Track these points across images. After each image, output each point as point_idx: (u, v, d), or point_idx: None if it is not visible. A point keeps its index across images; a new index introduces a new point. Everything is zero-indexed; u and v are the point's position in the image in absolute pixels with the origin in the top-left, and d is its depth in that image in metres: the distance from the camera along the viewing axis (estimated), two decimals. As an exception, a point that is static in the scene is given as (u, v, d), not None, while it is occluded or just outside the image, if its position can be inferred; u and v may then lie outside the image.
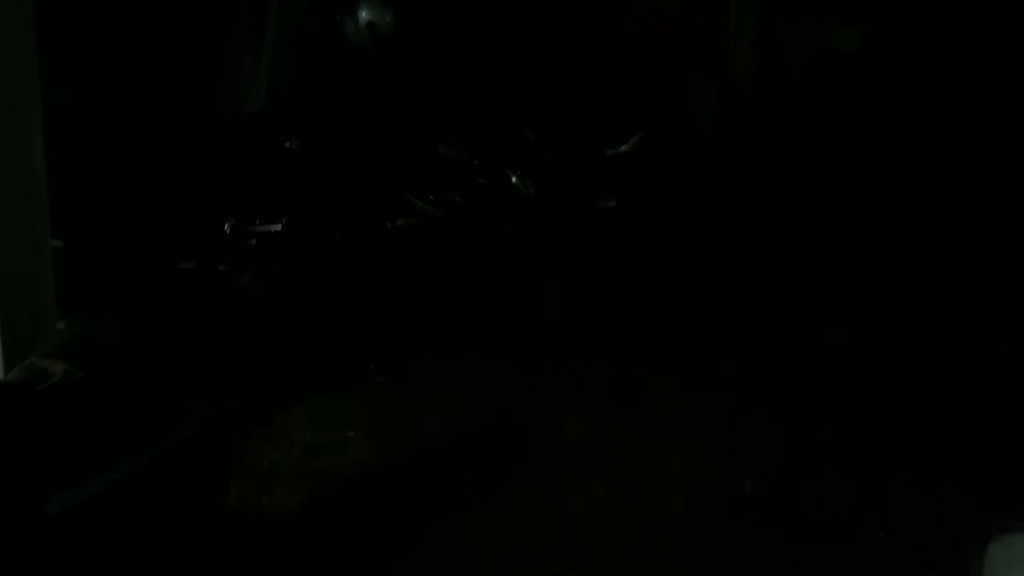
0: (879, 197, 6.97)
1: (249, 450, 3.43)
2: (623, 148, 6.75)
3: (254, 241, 3.76)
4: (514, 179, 4.64)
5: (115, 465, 2.11)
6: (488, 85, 5.26)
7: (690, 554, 3.13)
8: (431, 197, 4.52)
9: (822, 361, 4.54)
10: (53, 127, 4.08)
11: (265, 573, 3.01)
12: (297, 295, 3.97)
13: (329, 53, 4.42)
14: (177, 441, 2.29)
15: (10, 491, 1.99)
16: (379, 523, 3.30)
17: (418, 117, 4.54)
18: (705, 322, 5.05)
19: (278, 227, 3.81)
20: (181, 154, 4.50)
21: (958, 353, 4.68)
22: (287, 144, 4.43)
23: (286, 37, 4.73)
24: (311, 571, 3.03)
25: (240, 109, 4.94)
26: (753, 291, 5.63)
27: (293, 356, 3.92)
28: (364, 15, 4.31)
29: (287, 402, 3.86)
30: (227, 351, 2.79)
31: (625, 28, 7.08)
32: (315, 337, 4.07)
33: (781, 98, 7.44)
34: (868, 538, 3.22)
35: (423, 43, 4.67)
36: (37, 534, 2.02)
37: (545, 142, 6.38)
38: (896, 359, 4.63)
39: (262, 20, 5.13)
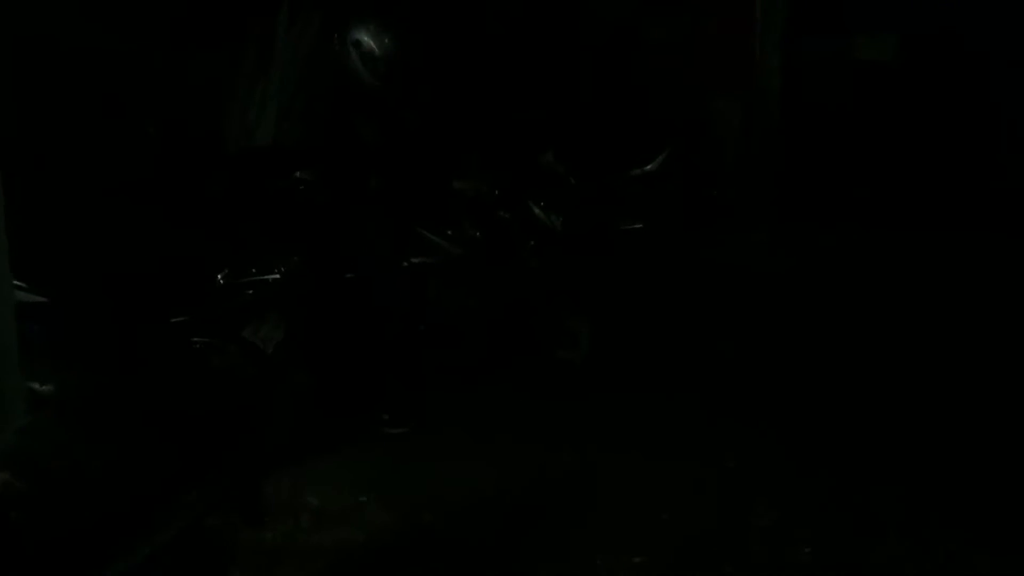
0: (916, 214, 6.63)
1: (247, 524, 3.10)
2: (649, 167, 6.43)
3: (251, 291, 3.41)
4: (537, 211, 4.30)
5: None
6: (504, 111, 4.95)
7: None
8: (448, 232, 4.17)
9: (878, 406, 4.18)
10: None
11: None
12: (302, 344, 3.62)
13: (336, 84, 4.08)
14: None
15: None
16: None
17: (431, 148, 4.21)
18: (745, 358, 4.69)
19: (276, 275, 3.46)
20: (185, 193, 4.18)
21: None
22: (292, 179, 4.09)
23: (294, 68, 4.42)
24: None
25: (248, 143, 4.65)
26: (796, 319, 5.28)
27: (297, 413, 3.57)
28: (364, 41, 3.98)
29: (289, 464, 3.52)
30: (215, 429, 2.47)
31: (648, 48, 6.78)
32: (322, 388, 3.72)
33: (810, 113, 7.10)
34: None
35: (431, 69, 4.35)
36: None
37: (567, 166, 6.10)
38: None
39: (270, 51, 4.86)
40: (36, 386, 2.95)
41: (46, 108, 4.61)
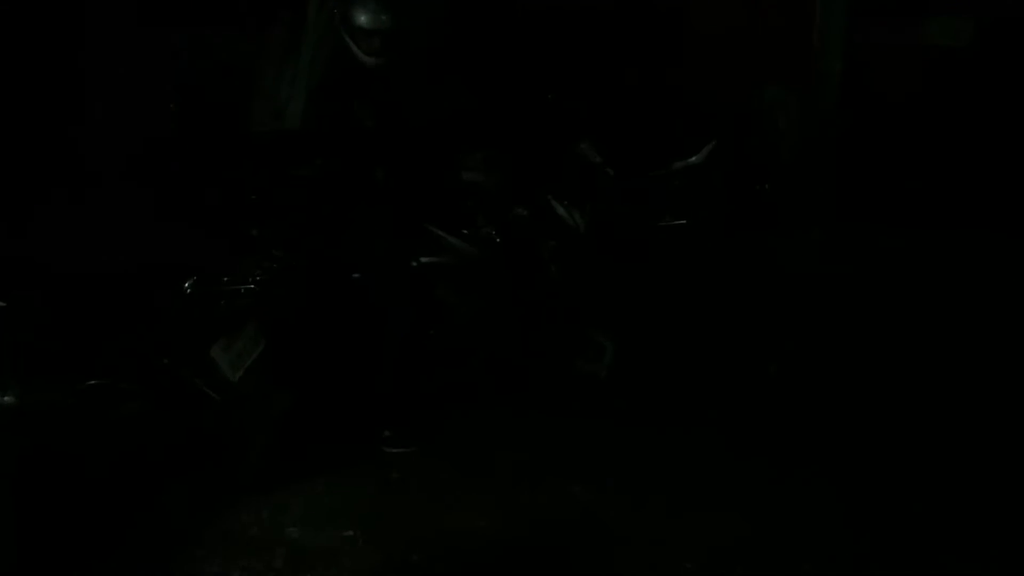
0: (988, 215, 6.05)
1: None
2: (693, 159, 5.93)
3: (224, 301, 3.02)
4: (560, 208, 3.86)
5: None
6: (530, 95, 4.52)
7: None
8: (463, 231, 3.76)
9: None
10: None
11: None
12: (288, 356, 3.23)
13: (335, 66, 3.68)
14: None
15: None
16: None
17: (439, 135, 3.79)
18: (792, 381, 4.21)
19: (251, 284, 3.06)
20: (196, 178, 3.84)
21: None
22: (311, 167, 3.71)
23: (326, 49, 4.07)
24: None
25: (276, 125, 4.32)
26: (851, 335, 4.77)
27: (278, 436, 3.20)
28: (364, 20, 3.55)
29: (270, 493, 3.14)
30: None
31: (698, 31, 6.28)
32: (311, 406, 3.33)
33: (873, 103, 6.54)
34: None
35: (444, 47, 3.92)
36: None
37: (605, 157, 5.66)
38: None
39: (300, 30, 4.51)
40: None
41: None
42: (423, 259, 3.73)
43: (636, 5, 6.43)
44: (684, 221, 5.82)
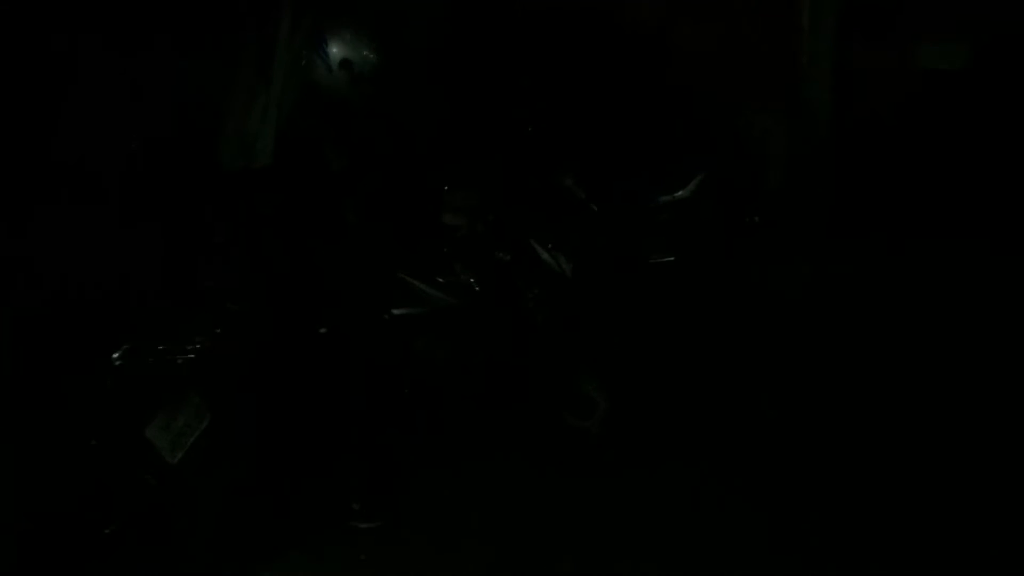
0: (991, 243, 5.83)
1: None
2: (681, 193, 5.68)
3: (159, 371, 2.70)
4: (544, 253, 3.57)
5: None
6: (507, 126, 4.25)
7: None
8: (438, 279, 3.46)
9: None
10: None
11: None
12: (239, 427, 2.92)
13: (303, 98, 3.39)
14: None
15: None
16: None
17: (417, 176, 3.50)
18: (795, 422, 3.94)
19: (191, 353, 2.75)
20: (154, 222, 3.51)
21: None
22: (257, 213, 3.40)
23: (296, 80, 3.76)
24: None
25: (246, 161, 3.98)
26: (851, 369, 4.52)
27: (229, 517, 2.87)
28: (335, 51, 3.28)
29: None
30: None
31: (680, 55, 6.03)
32: (270, 481, 3.01)
33: (865, 128, 6.30)
34: None
35: (418, 80, 3.64)
36: None
37: (588, 191, 5.39)
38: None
39: (270, 60, 4.20)
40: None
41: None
42: (396, 311, 3.44)
43: (614, 34, 6.19)
44: (672, 258, 5.56)
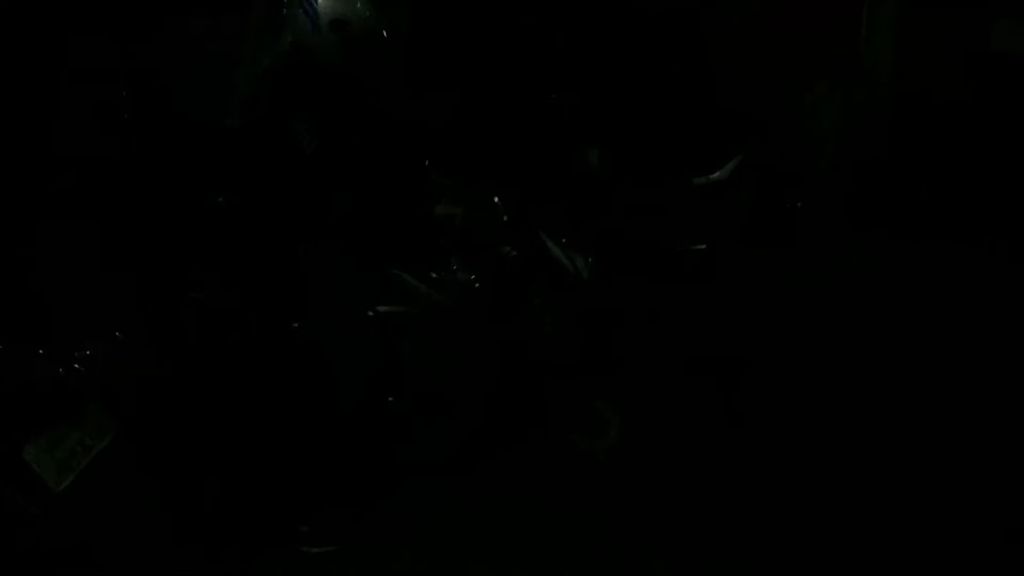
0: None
1: None
2: (717, 175, 5.14)
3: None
4: (555, 249, 3.08)
5: None
6: (518, 96, 3.75)
7: None
8: (432, 275, 2.99)
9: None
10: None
11: None
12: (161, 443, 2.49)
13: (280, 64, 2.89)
14: None
15: None
16: None
17: (417, 155, 3.01)
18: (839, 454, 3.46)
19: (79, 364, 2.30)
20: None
21: None
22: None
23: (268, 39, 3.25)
24: None
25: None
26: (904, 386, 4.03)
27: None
28: (325, 5, 2.79)
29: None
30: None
31: (723, 23, 5.48)
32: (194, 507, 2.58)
33: (928, 110, 5.72)
34: None
35: (420, 39, 3.14)
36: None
37: (613, 170, 4.89)
38: None
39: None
40: None
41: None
42: (382, 308, 2.98)
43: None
44: (704, 245, 5.07)
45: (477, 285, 3.00)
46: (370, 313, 2.97)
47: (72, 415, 2.30)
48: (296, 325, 2.91)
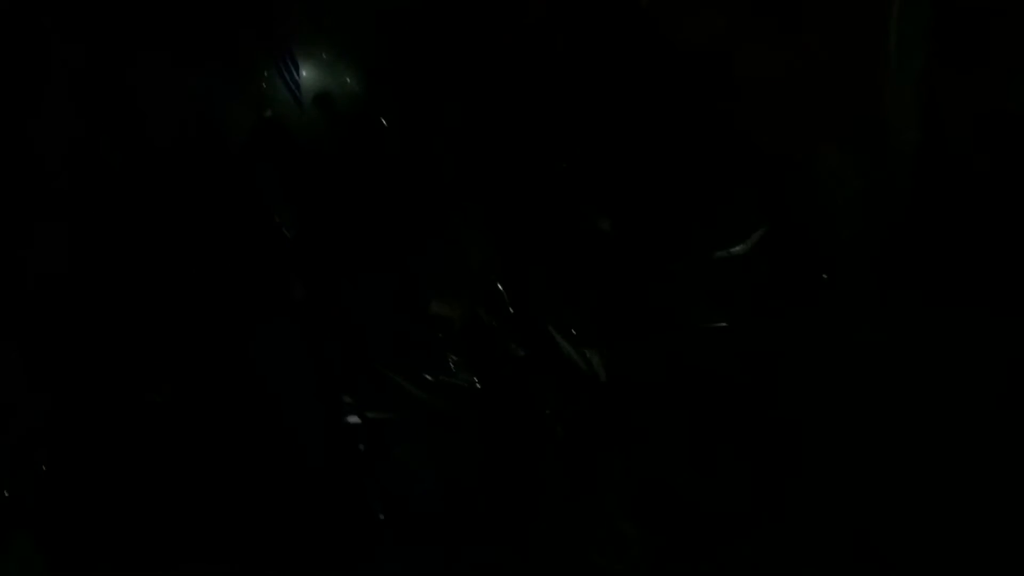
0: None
1: None
2: (738, 249, 4.80)
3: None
4: (565, 344, 2.70)
5: None
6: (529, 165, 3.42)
7: None
8: (427, 377, 2.61)
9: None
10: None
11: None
12: None
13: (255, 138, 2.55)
14: None
15: None
16: None
17: (404, 245, 2.65)
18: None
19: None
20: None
21: None
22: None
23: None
24: None
25: None
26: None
27: None
28: (309, 79, 2.46)
29: None
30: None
31: (743, 83, 5.17)
32: None
33: (957, 174, 5.39)
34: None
35: (421, 116, 2.79)
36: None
37: (628, 240, 4.56)
38: None
39: None
40: None
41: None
42: (369, 414, 2.59)
43: (665, 51, 5.33)
44: (725, 324, 4.70)
45: (479, 387, 2.62)
46: (353, 419, 2.60)
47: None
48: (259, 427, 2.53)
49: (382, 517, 2.64)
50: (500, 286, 2.69)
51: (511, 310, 2.63)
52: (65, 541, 2.14)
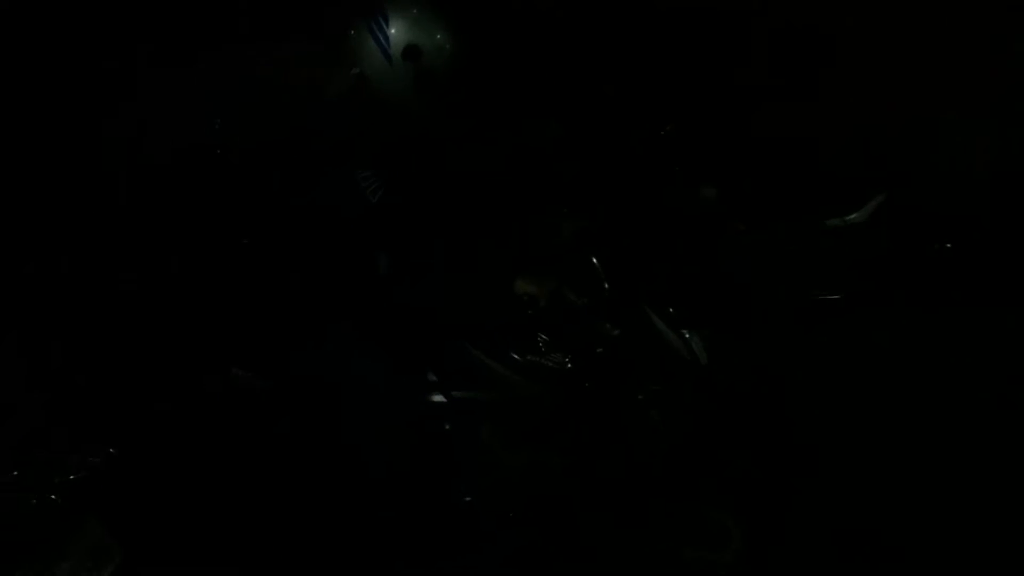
0: None
1: None
2: (854, 216, 4.50)
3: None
4: (662, 326, 2.53)
5: None
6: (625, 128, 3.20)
7: None
8: (515, 356, 2.48)
9: None
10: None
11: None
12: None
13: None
14: None
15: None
16: None
17: (494, 203, 2.51)
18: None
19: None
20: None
21: None
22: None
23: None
24: None
25: None
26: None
27: None
28: (397, 34, 2.32)
29: None
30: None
31: (865, 52, 4.83)
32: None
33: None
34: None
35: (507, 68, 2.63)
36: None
37: (734, 207, 4.34)
38: None
39: None
40: None
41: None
42: (456, 394, 2.48)
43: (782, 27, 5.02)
44: (838, 296, 4.43)
45: (571, 368, 2.47)
46: (439, 399, 2.49)
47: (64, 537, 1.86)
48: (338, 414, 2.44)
49: (467, 500, 2.52)
50: (595, 260, 2.52)
51: (606, 286, 2.46)
52: (136, 529, 2.08)
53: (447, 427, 2.53)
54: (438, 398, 2.51)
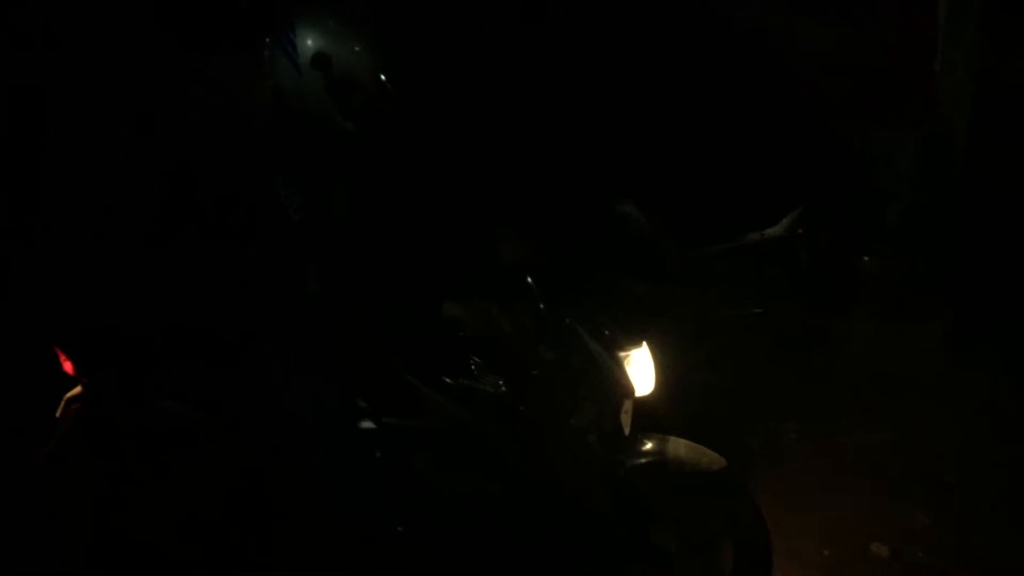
0: None
1: None
2: (773, 230, 4.56)
3: None
4: (594, 344, 2.47)
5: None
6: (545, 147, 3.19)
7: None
8: (446, 380, 2.40)
9: None
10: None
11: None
12: None
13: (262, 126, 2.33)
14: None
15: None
16: None
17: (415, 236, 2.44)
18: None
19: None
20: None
21: None
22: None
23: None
24: None
25: None
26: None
27: None
28: (309, 44, 2.23)
29: None
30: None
31: (787, 60, 4.90)
32: None
33: (1011, 153, 5.08)
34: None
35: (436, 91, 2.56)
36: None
37: (656, 223, 4.37)
38: None
39: None
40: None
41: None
42: (386, 420, 2.39)
43: (709, 32, 5.07)
44: (761, 310, 4.49)
45: (506, 392, 2.40)
46: (367, 425, 2.39)
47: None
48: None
49: (400, 530, 2.43)
50: (531, 280, 2.46)
51: (541, 307, 2.39)
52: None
53: (378, 455, 2.45)
54: (367, 424, 2.43)
